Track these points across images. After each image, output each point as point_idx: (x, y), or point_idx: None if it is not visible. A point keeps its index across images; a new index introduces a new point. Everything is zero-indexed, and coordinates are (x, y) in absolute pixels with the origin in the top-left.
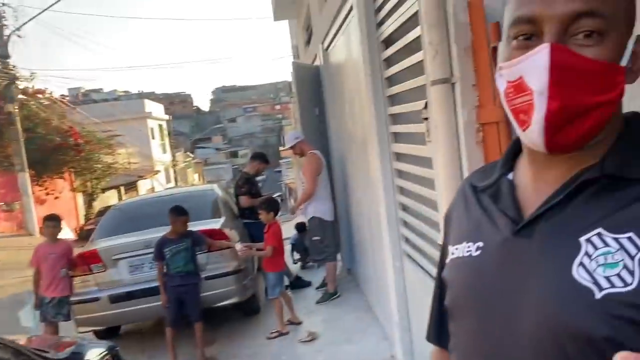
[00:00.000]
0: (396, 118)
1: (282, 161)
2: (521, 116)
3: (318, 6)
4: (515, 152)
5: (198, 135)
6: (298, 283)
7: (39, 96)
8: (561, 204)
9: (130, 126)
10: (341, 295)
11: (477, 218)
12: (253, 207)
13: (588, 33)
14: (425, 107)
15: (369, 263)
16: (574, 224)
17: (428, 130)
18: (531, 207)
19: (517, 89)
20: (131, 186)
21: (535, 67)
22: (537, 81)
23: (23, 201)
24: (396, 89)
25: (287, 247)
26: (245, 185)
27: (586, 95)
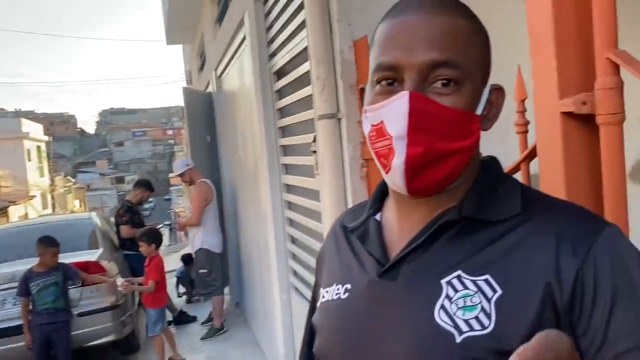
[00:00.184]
0: (287, 150)
1: (173, 188)
2: (382, 160)
3: (212, 33)
4: (383, 193)
5: (81, 158)
6: (182, 318)
7: None
8: (424, 246)
9: (4, 146)
10: (228, 330)
11: (347, 259)
12: (134, 238)
13: (445, 82)
14: (314, 141)
15: (258, 296)
16: (435, 266)
17: (317, 163)
18: (397, 249)
19: (379, 133)
20: (1, 212)
21: (394, 114)
22: (396, 127)
23: None
24: (287, 121)
25: (172, 280)
26: (126, 214)
27: (443, 141)
